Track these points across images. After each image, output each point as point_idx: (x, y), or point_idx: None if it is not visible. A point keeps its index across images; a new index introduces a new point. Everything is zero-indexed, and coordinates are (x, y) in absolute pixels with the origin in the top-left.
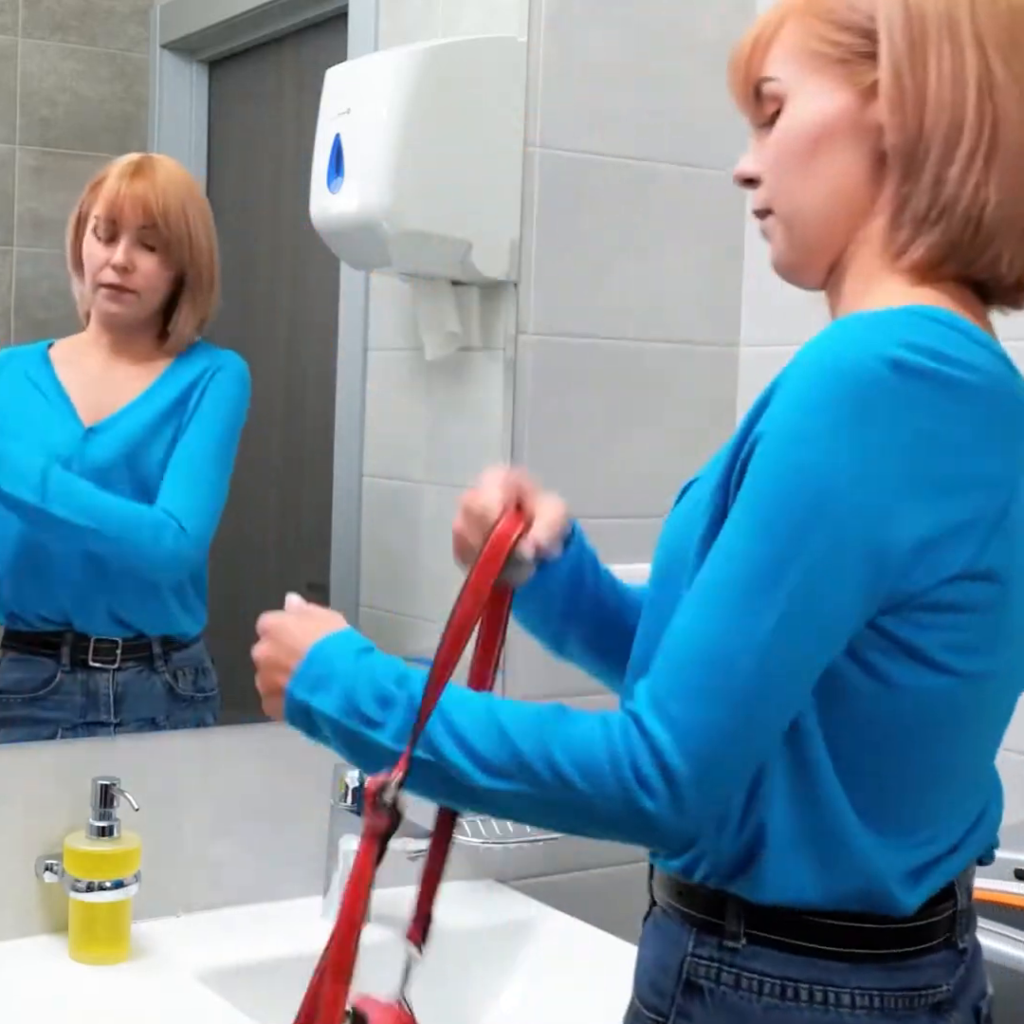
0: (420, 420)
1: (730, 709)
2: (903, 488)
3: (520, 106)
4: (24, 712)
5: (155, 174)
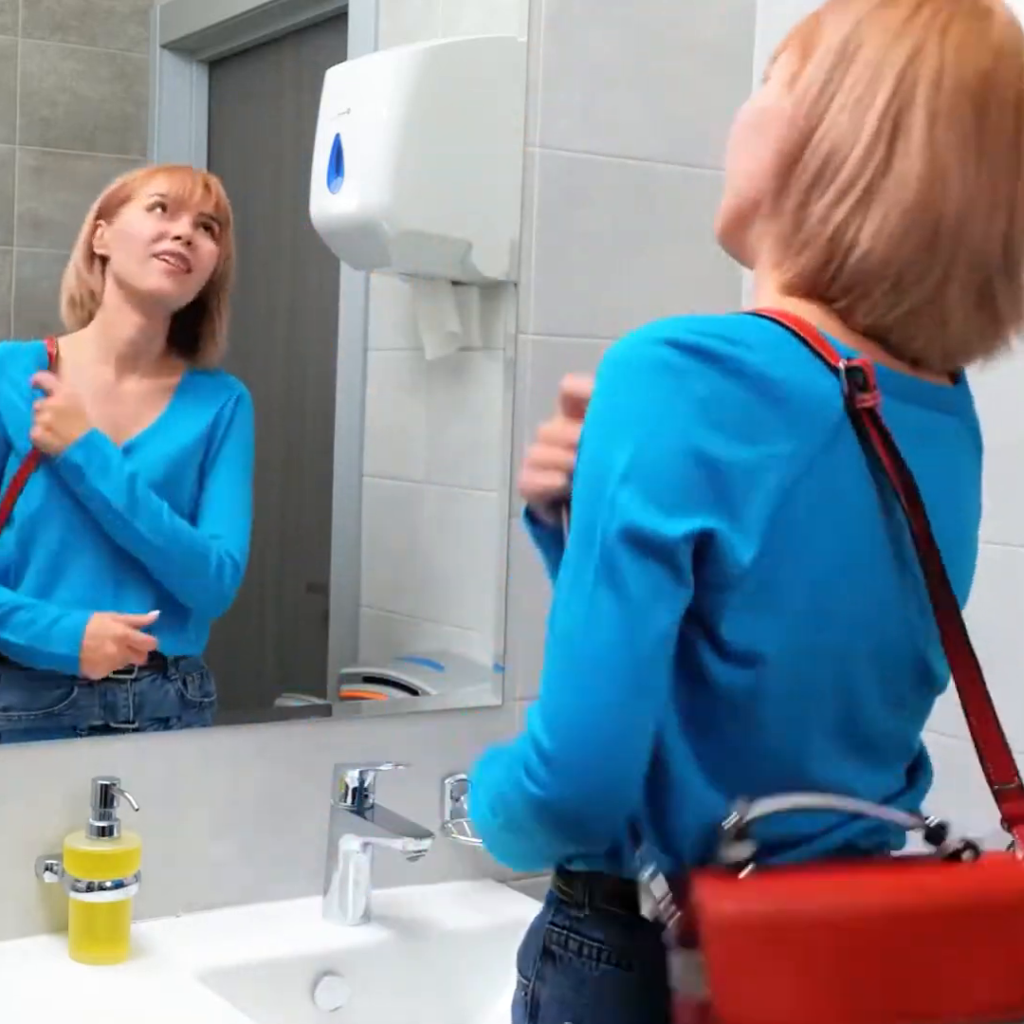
0: (420, 420)
1: (574, 680)
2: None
3: (520, 106)
4: (39, 725)
5: (204, 173)
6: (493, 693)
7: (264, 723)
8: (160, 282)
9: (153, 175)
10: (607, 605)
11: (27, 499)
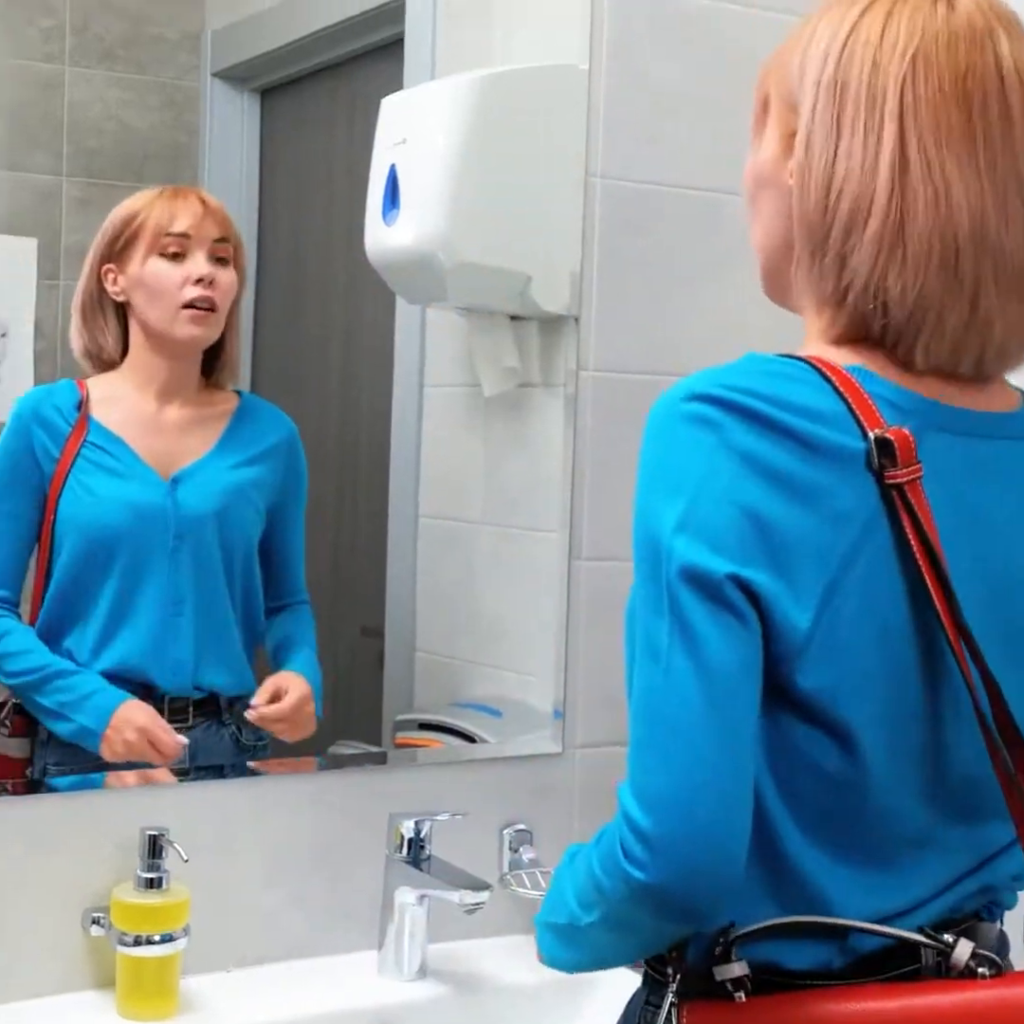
0: (477, 459)
1: (661, 750)
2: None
3: (581, 135)
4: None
5: (196, 190)
6: (553, 740)
7: (318, 771)
8: (192, 332)
9: (152, 208)
10: (681, 662)
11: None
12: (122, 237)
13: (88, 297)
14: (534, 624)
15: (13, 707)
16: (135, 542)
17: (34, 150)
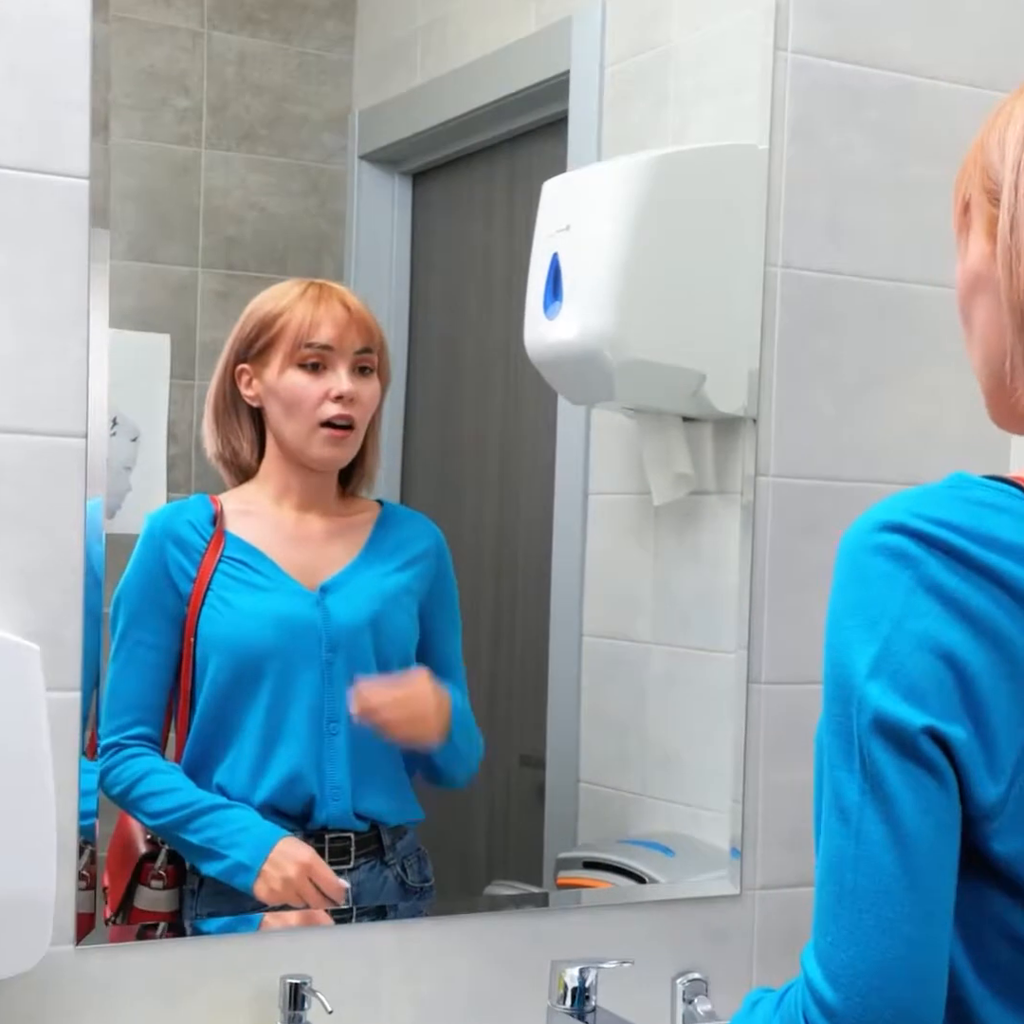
0: (646, 573)
1: (851, 922)
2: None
3: (760, 221)
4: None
5: (340, 292)
6: (730, 881)
7: (473, 913)
8: (328, 453)
9: (294, 312)
10: (873, 827)
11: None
12: (260, 339)
13: (221, 398)
14: (709, 753)
15: (167, 855)
16: (285, 658)
17: (168, 240)
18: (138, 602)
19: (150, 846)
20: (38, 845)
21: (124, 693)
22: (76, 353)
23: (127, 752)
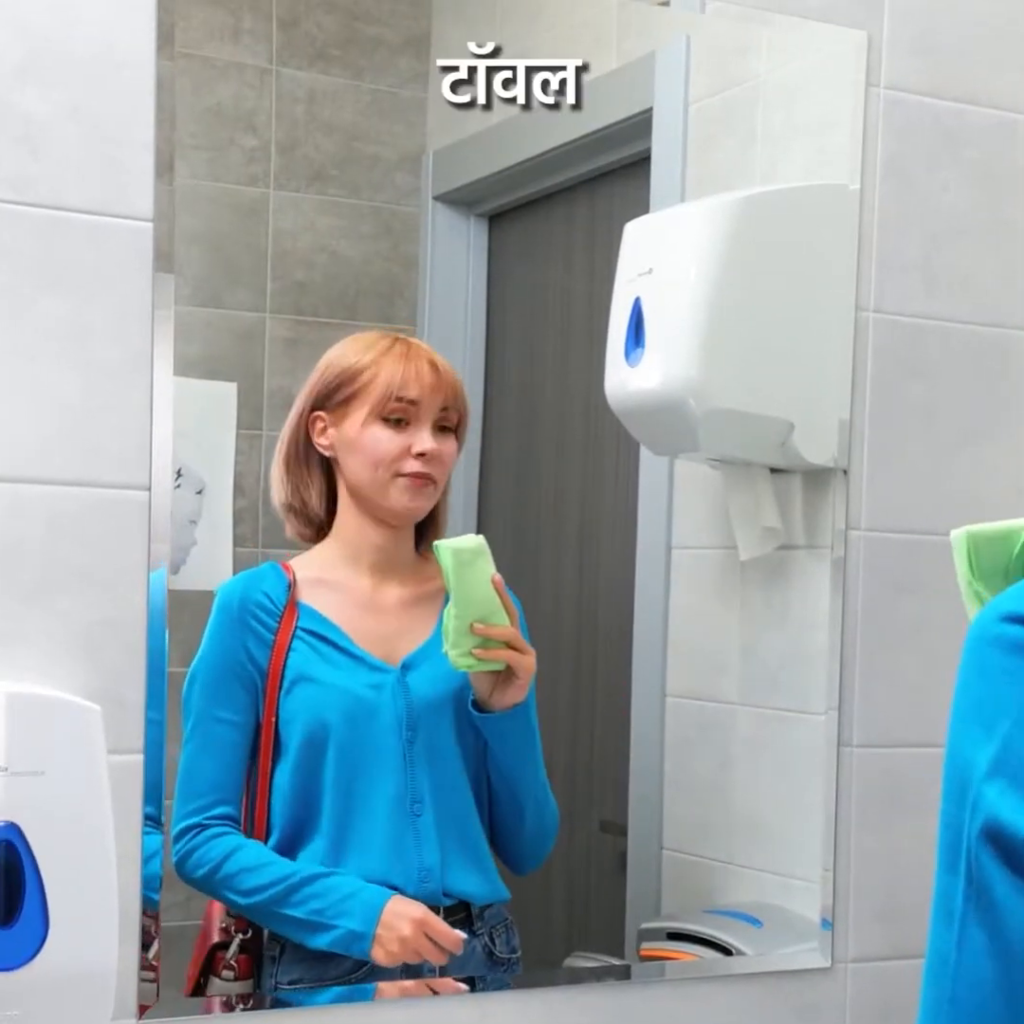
0: (732, 631)
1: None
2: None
3: (851, 264)
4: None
5: (427, 350)
6: (821, 954)
7: (552, 987)
8: (407, 503)
9: (382, 367)
10: (976, 935)
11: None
12: (341, 390)
13: (293, 445)
14: (798, 820)
15: (239, 946)
16: (365, 738)
17: (234, 284)
18: (216, 678)
19: (223, 935)
20: (99, 916)
21: (203, 773)
22: (139, 402)
23: (210, 832)
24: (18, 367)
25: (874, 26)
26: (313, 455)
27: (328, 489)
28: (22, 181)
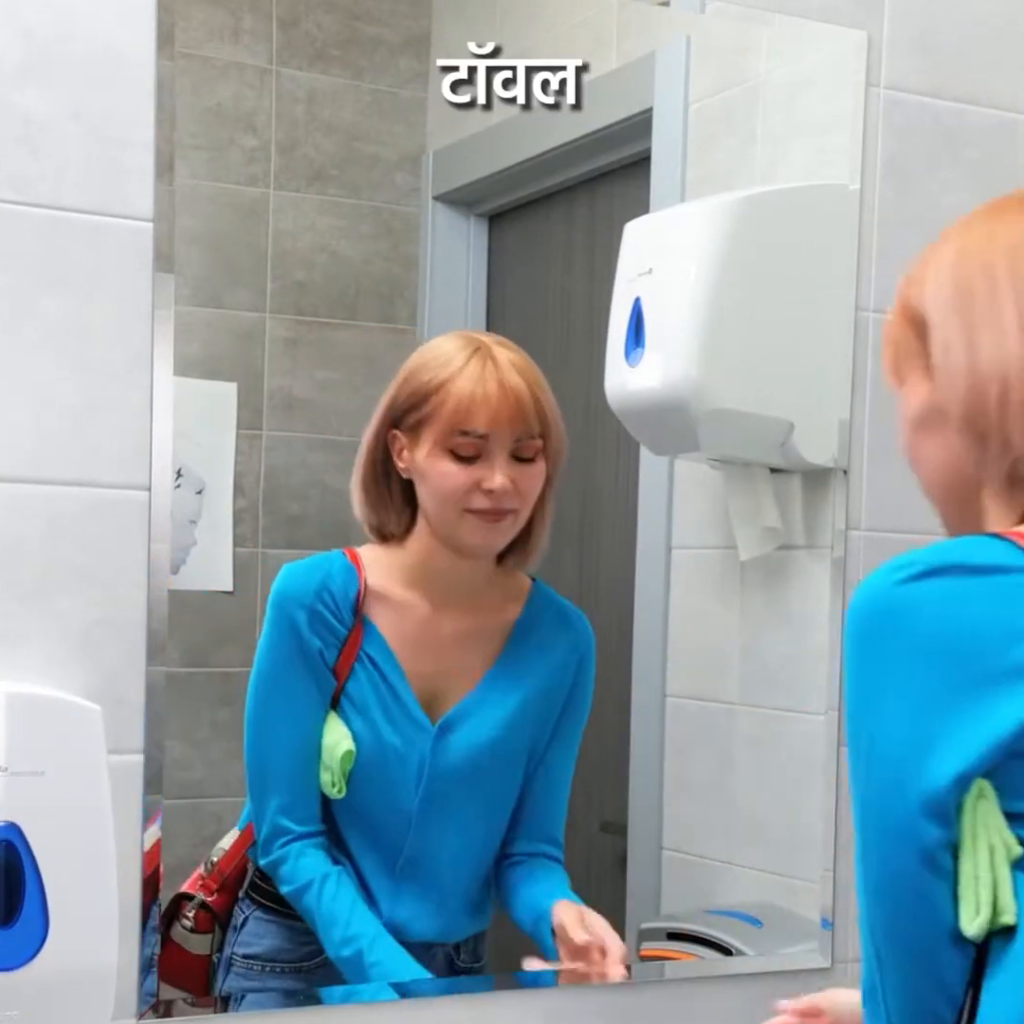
0: (732, 630)
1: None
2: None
3: (851, 264)
4: (276, 984)
5: (512, 367)
6: (820, 954)
7: (552, 987)
8: (477, 541)
9: (450, 391)
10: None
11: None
12: (413, 412)
13: (371, 464)
14: (798, 819)
15: (200, 904)
16: (381, 788)
17: (234, 284)
18: (291, 670)
19: (192, 886)
20: (99, 916)
21: (281, 767)
22: (139, 402)
23: (299, 847)
24: (18, 367)
25: (874, 26)
26: (393, 473)
27: (410, 509)
28: (22, 181)
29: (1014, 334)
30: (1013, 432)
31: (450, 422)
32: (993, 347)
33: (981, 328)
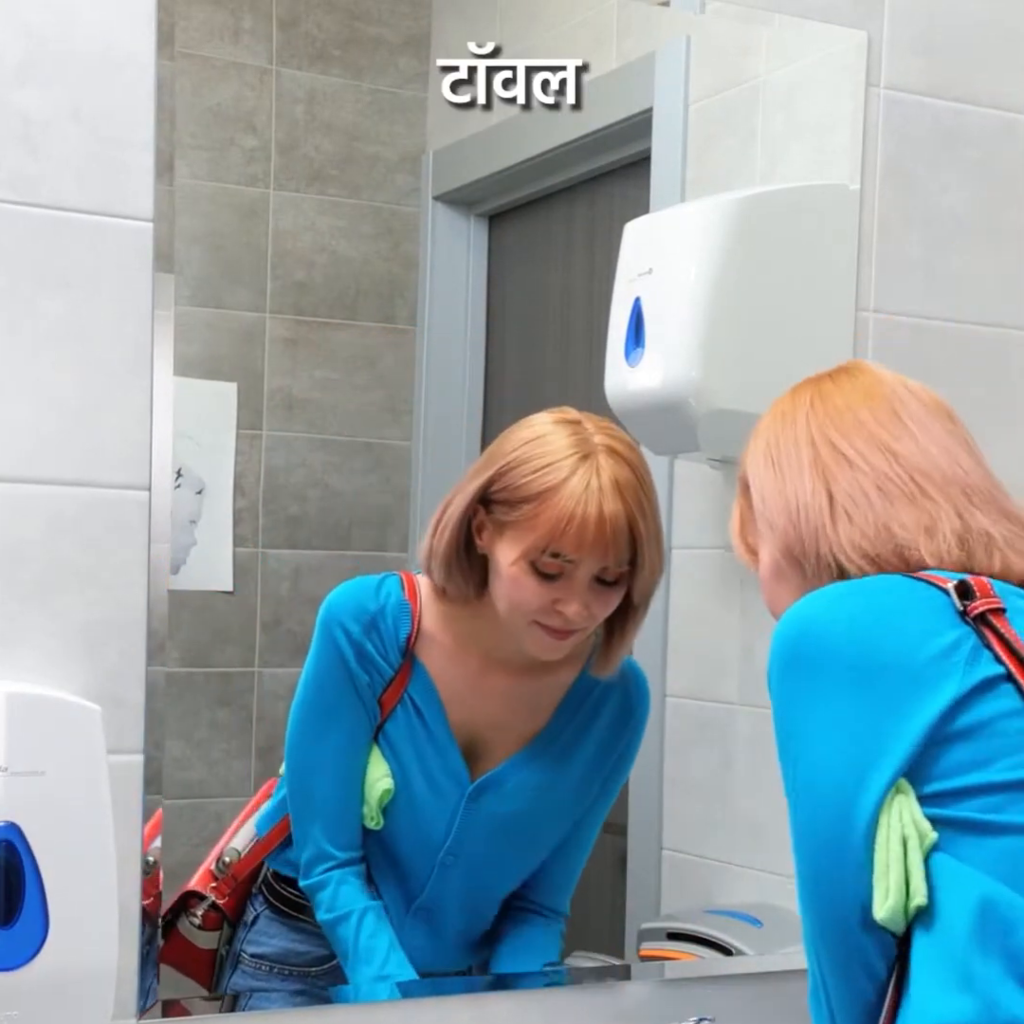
0: (732, 630)
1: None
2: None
3: (851, 264)
4: (282, 986)
5: (616, 490)
6: None
7: (552, 987)
8: (538, 650)
9: (545, 507)
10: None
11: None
12: (504, 508)
13: (455, 529)
14: None
15: (212, 905)
16: (407, 836)
17: (234, 285)
18: (335, 688)
19: (202, 885)
20: (99, 916)
21: (329, 794)
22: (139, 402)
23: (340, 874)
24: (18, 367)
25: (874, 26)
26: (472, 546)
27: (481, 579)
28: (22, 181)
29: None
30: (821, 548)
31: (541, 540)
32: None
33: (790, 472)
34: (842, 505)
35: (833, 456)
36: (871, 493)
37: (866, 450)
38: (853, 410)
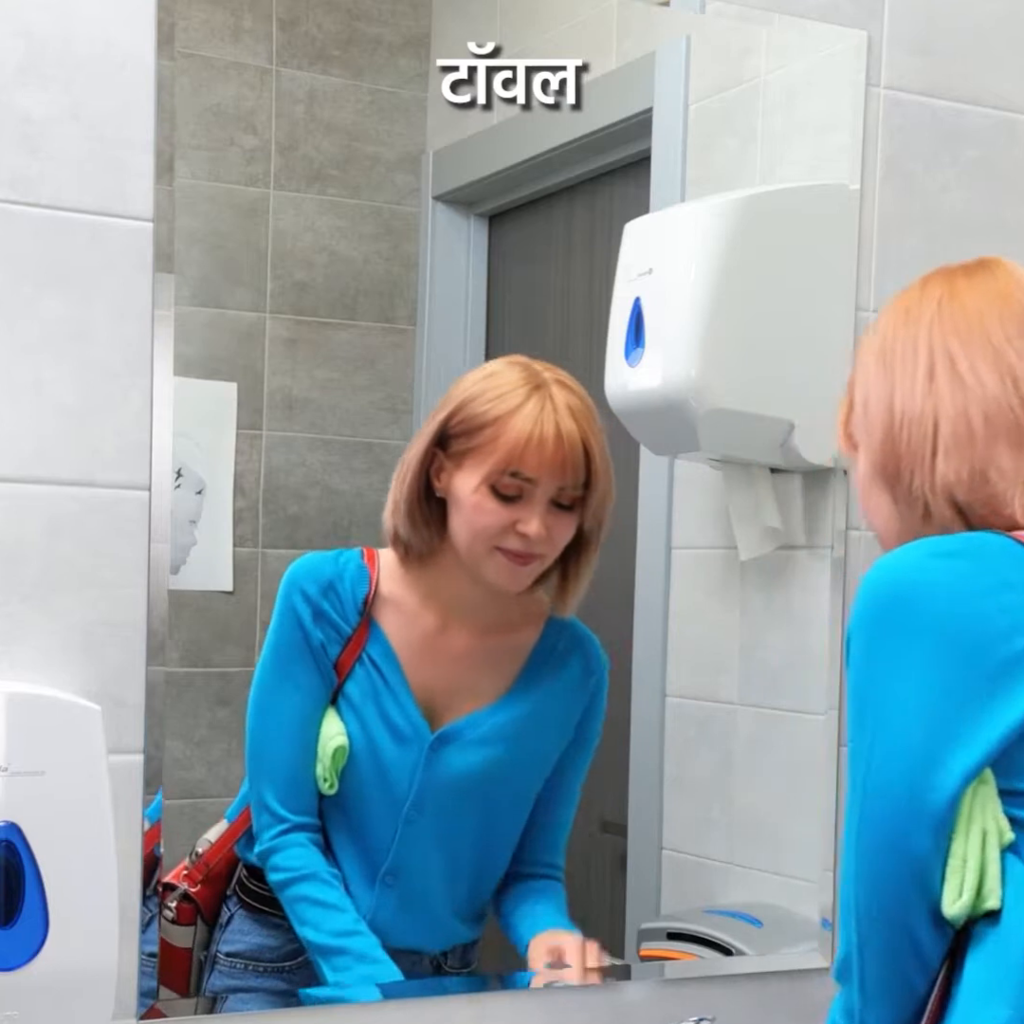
0: (733, 630)
1: None
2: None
3: (851, 264)
4: (258, 984)
5: (570, 412)
6: (820, 954)
7: (552, 987)
8: (501, 579)
9: (506, 430)
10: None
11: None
12: (462, 440)
13: (414, 478)
14: (798, 820)
15: (183, 895)
16: (370, 797)
17: (234, 285)
18: (294, 657)
19: (176, 877)
20: (99, 916)
21: (282, 758)
22: (139, 402)
23: (293, 838)
24: (18, 367)
25: (874, 26)
26: (432, 491)
27: (440, 527)
28: (22, 181)
29: (923, 384)
30: (914, 480)
31: (501, 461)
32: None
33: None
34: (944, 438)
35: (949, 373)
36: (976, 423)
37: (984, 369)
38: (982, 317)
